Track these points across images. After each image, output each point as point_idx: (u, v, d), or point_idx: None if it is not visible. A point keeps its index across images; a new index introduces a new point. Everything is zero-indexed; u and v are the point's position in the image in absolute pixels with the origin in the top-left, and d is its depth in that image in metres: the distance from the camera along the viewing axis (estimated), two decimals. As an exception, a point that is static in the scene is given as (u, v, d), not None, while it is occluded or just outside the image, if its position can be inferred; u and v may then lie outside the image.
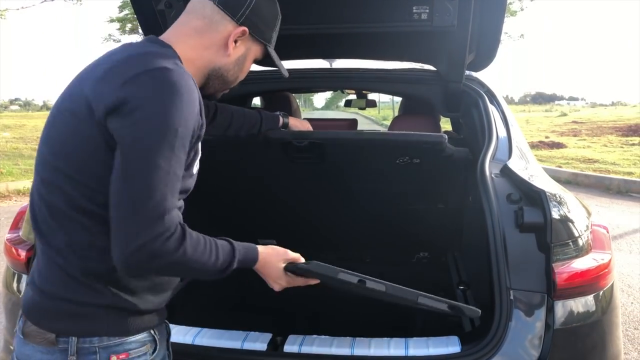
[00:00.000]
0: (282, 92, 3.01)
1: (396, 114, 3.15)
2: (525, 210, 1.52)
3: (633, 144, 12.77)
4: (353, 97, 4.45)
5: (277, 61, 1.39)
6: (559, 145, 12.78)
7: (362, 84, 2.45)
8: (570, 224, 1.54)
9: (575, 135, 15.58)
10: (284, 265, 1.36)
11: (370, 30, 1.96)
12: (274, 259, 1.34)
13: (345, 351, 1.59)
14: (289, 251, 1.40)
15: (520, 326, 1.50)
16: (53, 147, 1.09)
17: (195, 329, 1.70)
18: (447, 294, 2.32)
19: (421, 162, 1.99)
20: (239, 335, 1.67)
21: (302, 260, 1.43)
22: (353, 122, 3.29)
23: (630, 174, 8.90)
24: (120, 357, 1.06)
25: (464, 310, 1.36)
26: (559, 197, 1.58)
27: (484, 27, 2.02)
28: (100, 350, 1.04)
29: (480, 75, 2.37)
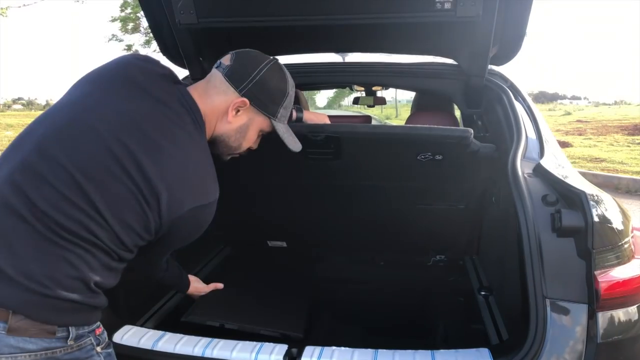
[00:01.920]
0: None
1: (400, 113, 3.02)
2: (564, 213, 1.40)
3: (640, 143, 12.64)
4: (360, 94, 4.35)
5: (283, 135, 1.50)
6: (564, 145, 12.62)
7: (378, 79, 2.33)
8: (612, 228, 1.42)
9: (580, 134, 15.42)
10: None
11: (388, 21, 1.84)
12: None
13: None
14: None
15: (558, 339, 1.38)
16: (84, 170, 1.18)
17: (205, 340, 1.59)
18: (468, 299, 2.20)
19: (444, 158, 1.87)
20: (252, 347, 1.55)
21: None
22: (367, 119, 3.17)
23: (639, 173, 8.77)
24: (99, 331, 1.27)
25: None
26: (599, 198, 1.46)
27: (510, 17, 1.90)
28: (87, 333, 1.22)
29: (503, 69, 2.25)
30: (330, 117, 2.01)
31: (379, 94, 4.47)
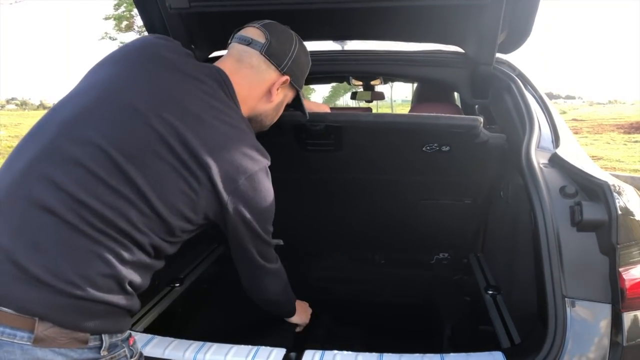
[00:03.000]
0: None
1: (395, 112, 2.89)
2: (584, 206, 1.29)
3: (636, 141, 12.60)
4: (357, 90, 4.22)
5: (304, 105, 1.51)
6: (561, 143, 12.53)
7: (379, 68, 2.20)
8: (637, 221, 1.31)
9: (576, 133, 15.39)
10: None
11: (391, 4, 1.72)
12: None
13: None
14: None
15: (579, 342, 1.27)
16: (124, 150, 1.08)
17: (197, 344, 1.48)
18: (475, 299, 2.10)
19: (451, 149, 1.76)
20: (248, 351, 1.44)
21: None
22: (368, 110, 3.06)
23: (636, 170, 8.72)
24: (132, 340, 1.15)
25: None
26: (622, 190, 1.35)
27: (519, 1, 1.79)
28: (121, 343, 1.10)
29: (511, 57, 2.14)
30: (331, 108, 1.90)
31: (377, 89, 4.35)
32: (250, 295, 1.52)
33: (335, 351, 1.44)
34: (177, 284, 2.19)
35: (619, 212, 1.26)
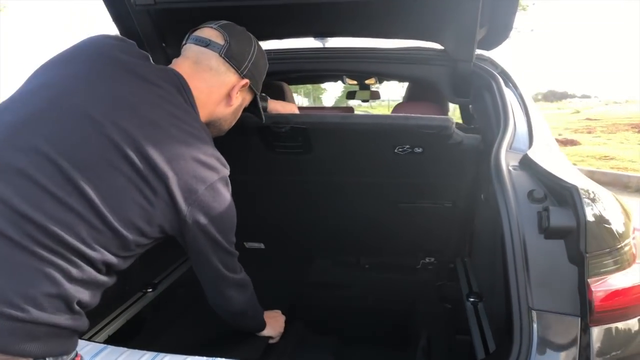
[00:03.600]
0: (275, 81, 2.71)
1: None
2: (552, 211, 1.20)
3: (651, 141, 12.34)
4: (355, 89, 4.14)
5: (261, 110, 1.48)
6: (573, 143, 12.33)
7: (360, 66, 2.12)
8: (610, 228, 1.22)
9: (589, 132, 15.11)
10: None
11: None
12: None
13: None
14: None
15: (546, 357, 1.19)
16: (75, 160, 1.01)
17: (150, 354, 1.41)
18: (455, 306, 2.01)
19: (424, 151, 1.68)
20: None
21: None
22: (349, 110, 2.98)
23: (650, 171, 8.50)
24: (77, 359, 1.08)
25: None
26: (594, 194, 1.26)
27: None
28: None
29: (493, 54, 2.06)
30: (308, 108, 1.84)
31: (373, 88, 4.27)
32: (216, 309, 1.47)
33: None
34: (150, 289, 2.13)
35: (589, 218, 1.17)
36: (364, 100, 4.36)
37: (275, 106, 1.68)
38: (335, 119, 1.61)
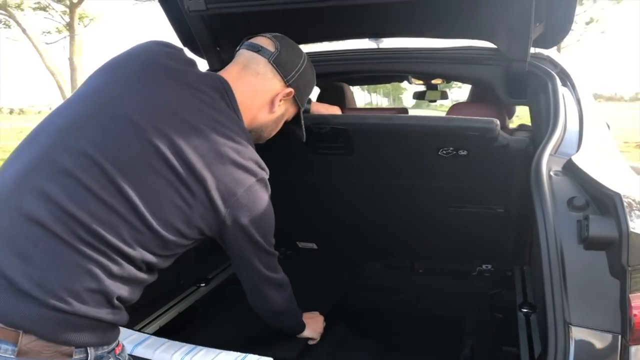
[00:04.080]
0: (336, 82, 2.72)
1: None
2: (592, 220, 1.12)
3: None
4: (419, 87, 4.06)
5: (303, 126, 1.49)
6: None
7: (413, 66, 2.07)
8: None
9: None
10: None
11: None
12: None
13: None
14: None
15: (582, 376, 1.11)
16: (118, 163, 1.06)
17: (188, 347, 1.47)
18: (507, 316, 1.93)
19: (469, 154, 1.63)
20: (234, 358, 1.40)
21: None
22: (402, 112, 2.92)
23: None
24: (118, 349, 1.14)
25: None
26: None
27: None
28: (107, 354, 1.09)
29: (553, 53, 1.95)
30: (357, 109, 1.83)
31: (441, 88, 4.17)
32: (255, 308, 1.51)
33: None
34: (203, 284, 2.21)
35: (632, 229, 1.08)
36: (431, 101, 4.27)
37: (318, 108, 1.69)
38: (375, 120, 1.60)
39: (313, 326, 1.73)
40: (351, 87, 2.77)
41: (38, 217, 0.99)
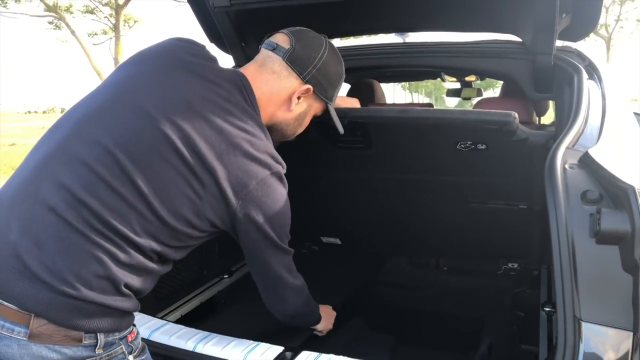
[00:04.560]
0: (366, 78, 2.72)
1: None
2: (604, 213, 1.09)
3: None
4: (451, 85, 4.02)
5: (335, 118, 1.44)
6: None
7: (434, 61, 2.05)
8: None
9: None
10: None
11: None
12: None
13: None
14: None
15: (591, 374, 1.09)
16: (129, 152, 1.08)
17: (202, 334, 1.50)
18: (529, 315, 1.89)
19: (488, 148, 1.60)
20: (245, 346, 1.43)
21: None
22: (427, 106, 2.90)
23: None
24: (131, 336, 1.14)
25: None
26: None
27: None
28: (118, 341, 1.09)
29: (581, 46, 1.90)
30: (385, 104, 1.83)
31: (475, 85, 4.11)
32: (272, 309, 1.48)
33: (332, 355, 1.38)
34: (226, 276, 2.25)
35: None
36: (465, 99, 4.21)
37: (336, 101, 1.69)
38: (391, 112, 1.59)
39: (324, 321, 1.70)
40: (390, 86, 2.75)
41: (52, 204, 1.03)
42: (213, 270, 2.24)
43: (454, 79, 3.90)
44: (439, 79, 4.01)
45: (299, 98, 1.32)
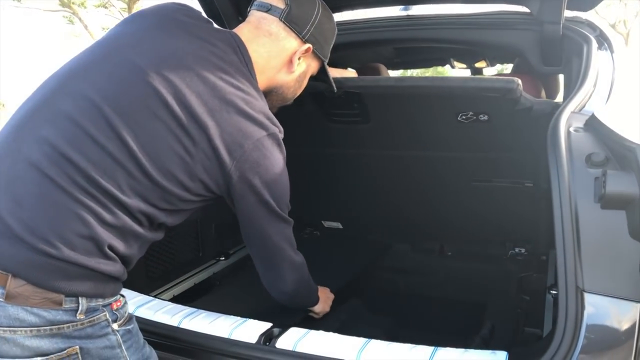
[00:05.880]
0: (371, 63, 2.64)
1: None
2: (609, 176, 1.01)
3: None
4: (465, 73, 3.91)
5: (330, 77, 1.42)
6: None
7: (440, 33, 1.96)
8: None
9: None
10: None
11: None
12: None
13: (349, 355, 1.21)
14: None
15: (594, 347, 1.01)
16: (116, 104, 1.04)
17: (188, 310, 1.45)
18: (535, 298, 1.80)
19: (490, 118, 1.52)
20: (233, 322, 1.37)
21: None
22: None
23: None
24: (116, 304, 1.08)
25: None
26: None
27: None
28: (101, 307, 1.04)
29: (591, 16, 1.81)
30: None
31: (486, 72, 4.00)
32: (269, 287, 1.42)
33: (322, 331, 1.31)
34: (223, 258, 2.19)
35: None
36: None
37: (332, 72, 1.63)
38: (389, 82, 1.52)
39: (322, 303, 1.64)
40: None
41: (34, 160, 0.98)
42: (209, 252, 2.18)
43: (464, 66, 3.80)
44: (448, 67, 3.93)
45: (299, 59, 1.28)
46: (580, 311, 1.02)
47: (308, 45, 1.26)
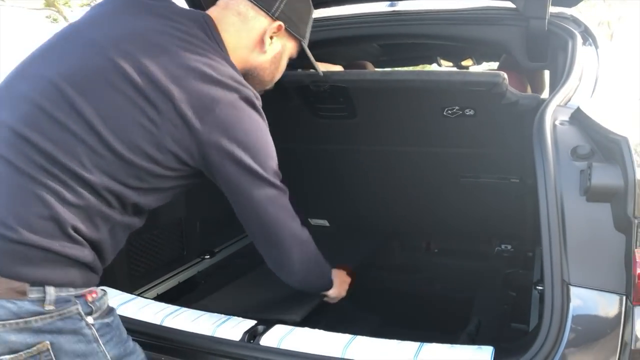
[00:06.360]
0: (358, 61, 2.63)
1: None
2: (595, 168, 1.01)
3: None
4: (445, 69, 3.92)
5: (312, 58, 1.35)
6: None
7: (424, 29, 1.95)
8: None
9: None
10: None
11: None
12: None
13: (334, 351, 1.19)
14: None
15: (580, 341, 1.01)
16: (73, 80, 1.00)
17: (171, 308, 1.42)
18: (521, 294, 1.80)
19: (476, 113, 1.52)
20: (215, 319, 1.35)
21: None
22: None
23: None
24: (91, 295, 1.01)
25: None
26: None
27: None
28: (73, 298, 0.97)
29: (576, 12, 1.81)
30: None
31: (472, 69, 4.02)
32: (277, 271, 1.28)
33: (307, 329, 1.30)
34: (207, 256, 2.17)
35: None
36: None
37: (318, 66, 1.62)
38: (375, 75, 1.51)
39: (338, 287, 1.51)
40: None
41: None
42: (194, 250, 2.16)
43: (450, 64, 3.81)
44: (435, 65, 3.94)
45: (271, 38, 1.22)
46: (566, 304, 1.02)
47: (278, 23, 1.21)
